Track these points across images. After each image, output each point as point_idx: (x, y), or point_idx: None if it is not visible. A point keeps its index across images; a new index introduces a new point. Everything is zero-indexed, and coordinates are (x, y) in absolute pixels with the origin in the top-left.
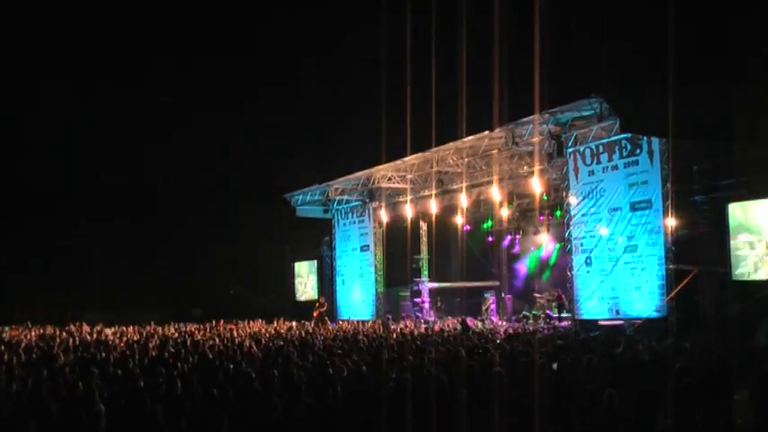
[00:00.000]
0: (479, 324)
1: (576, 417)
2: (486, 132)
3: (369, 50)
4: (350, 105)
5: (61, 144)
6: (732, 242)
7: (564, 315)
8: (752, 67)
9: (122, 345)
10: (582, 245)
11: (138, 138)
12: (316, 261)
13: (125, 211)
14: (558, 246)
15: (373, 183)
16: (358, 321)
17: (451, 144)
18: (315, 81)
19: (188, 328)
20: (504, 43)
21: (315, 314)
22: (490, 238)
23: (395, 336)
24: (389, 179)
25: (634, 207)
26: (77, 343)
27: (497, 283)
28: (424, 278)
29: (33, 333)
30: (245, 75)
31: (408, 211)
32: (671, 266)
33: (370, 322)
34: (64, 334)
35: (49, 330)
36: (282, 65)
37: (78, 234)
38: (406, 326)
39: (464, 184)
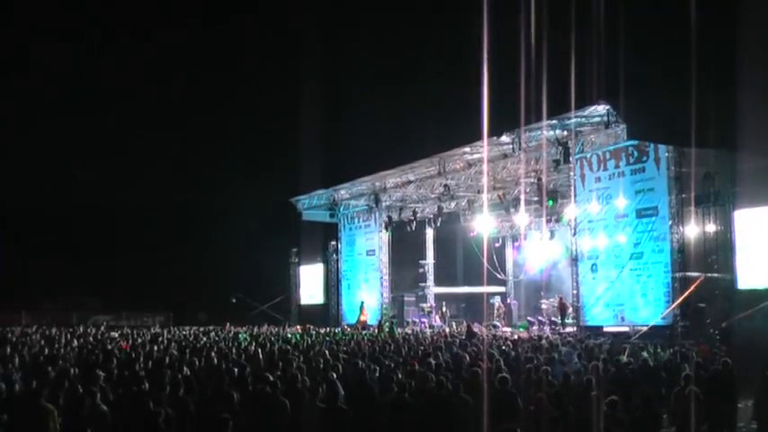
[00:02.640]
0: (485, 330)
1: (581, 423)
2: (494, 138)
3: (374, 54)
4: (356, 110)
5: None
6: None
7: (568, 321)
8: (759, 75)
9: (126, 347)
10: (588, 251)
11: (142, 142)
12: (321, 265)
13: (132, 215)
14: (563, 252)
15: (380, 188)
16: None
17: (458, 150)
18: (320, 85)
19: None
20: (511, 50)
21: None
22: (496, 244)
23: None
24: (396, 184)
25: (640, 214)
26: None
27: (503, 289)
28: (430, 283)
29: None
30: (252, 78)
31: (414, 216)
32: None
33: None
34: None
35: None
36: (288, 67)
37: (83, 238)
38: (412, 331)
39: (470, 190)
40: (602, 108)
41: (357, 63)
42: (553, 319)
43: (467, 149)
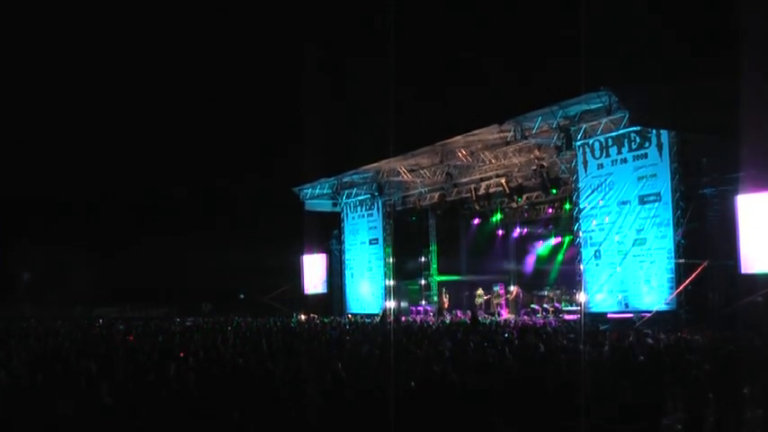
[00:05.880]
0: (488, 317)
1: (587, 408)
2: (495, 125)
3: (378, 42)
4: (359, 99)
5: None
6: None
7: (572, 308)
8: (762, 59)
9: (131, 338)
10: (591, 238)
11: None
12: (324, 255)
13: (136, 206)
14: (566, 239)
15: (382, 176)
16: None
17: (460, 137)
18: (322, 73)
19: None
20: (512, 36)
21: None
22: (499, 232)
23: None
24: (398, 172)
25: (643, 200)
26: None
27: (507, 277)
28: (433, 271)
29: None
30: (253, 70)
31: (417, 205)
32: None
33: None
34: None
35: None
36: (288, 57)
37: (88, 230)
38: (415, 319)
39: (473, 177)
40: (603, 94)
41: (357, 51)
42: (557, 305)
43: (469, 137)
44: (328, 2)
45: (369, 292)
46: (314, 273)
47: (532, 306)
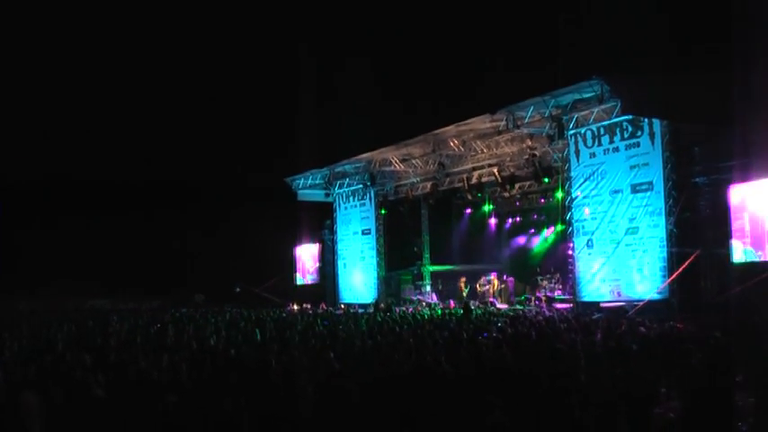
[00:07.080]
0: (482, 306)
1: (579, 398)
2: (487, 115)
3: (369, 30)
4: (351, 88)
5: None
6: None
7: (565, 297)
8: (753, 51)
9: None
10: (583, 227)
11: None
12: (317, 245)
13: (126, 199)
14: (558, 228)
15: (374, 166)
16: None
17: (452, 127)
18: (314, 64)
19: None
20: (505, 25)
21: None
22: (492, 221)
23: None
24: (390, 162)
25: (635, 189)
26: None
27: (498, 266)
28: (426, 261)
29: None
30: (244, 59)
31: (409, 195)
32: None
33: None
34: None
35: None
36: (281, 49)
37: (81, 222)
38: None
39: (465, 167)
40: (595, 83)
41: (350, 41)
42: (549, 294)
43: (461, 126)
44: None
45: (361, 282)
46: (307, 263)
47: (525, 296)
